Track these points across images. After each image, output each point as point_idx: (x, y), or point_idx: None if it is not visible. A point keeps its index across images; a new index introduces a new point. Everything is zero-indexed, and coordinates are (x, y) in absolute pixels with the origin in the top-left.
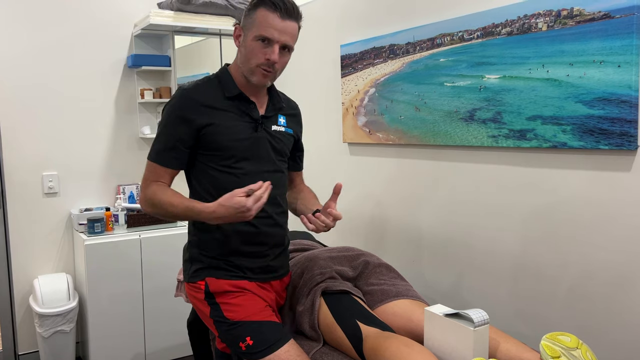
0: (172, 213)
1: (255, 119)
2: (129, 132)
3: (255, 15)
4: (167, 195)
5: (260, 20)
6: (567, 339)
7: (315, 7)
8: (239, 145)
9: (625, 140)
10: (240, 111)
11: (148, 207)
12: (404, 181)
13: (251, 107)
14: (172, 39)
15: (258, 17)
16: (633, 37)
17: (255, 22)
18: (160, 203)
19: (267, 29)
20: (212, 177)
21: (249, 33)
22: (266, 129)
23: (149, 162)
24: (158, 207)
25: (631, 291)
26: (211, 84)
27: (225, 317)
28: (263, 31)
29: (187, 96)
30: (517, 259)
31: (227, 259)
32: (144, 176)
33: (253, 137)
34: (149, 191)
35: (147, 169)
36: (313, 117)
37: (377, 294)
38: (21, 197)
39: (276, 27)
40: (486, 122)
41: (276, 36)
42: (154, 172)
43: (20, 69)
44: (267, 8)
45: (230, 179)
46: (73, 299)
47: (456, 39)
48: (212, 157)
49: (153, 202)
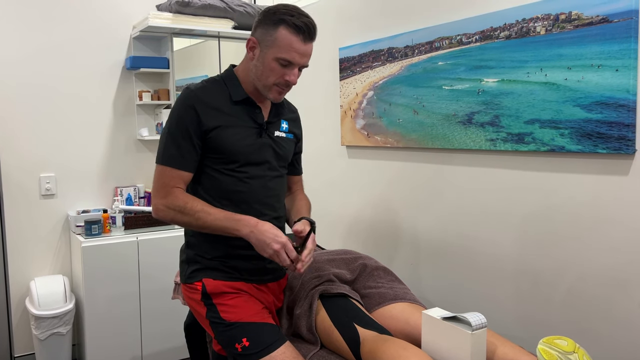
0: (204, 220)
1: (260, 124)
2: (127, 134)
3: (276, 34)
4: (201, 203)
5: (282, 42)
6: (564, 343)
7: (314, 10)
8: (244, 150)
9: (623, 144)
10: (245, 116)
11: (170, 212)
12: (402, 184)
13: (257, 112)
14: (171, 41)
15: (280, 37)
16: (631, 41)
17: (277, 43)
18: (194, 210)
19: (290, 52)
20: (216, 179)
21: (268, 51)
22: (269, 134)
23: (162, 167)
24: (188, 214)
25: (629, 295)
26: (218, 86)
27: (221, 318)
28: (286, 54)
29: (195, 97)
30: (515, 262)
31: (224, 261)
32: (159, 183)
33: (257, 142)
34: (172, 197)
35: (160, 176)
36: (312, 120)
37: (375, 297)
38: (18, 199)
39: (299, 51)
40: (484, 125)
41: (298, 60)
42: (171, 177)
43: (18, 70)
44: (290, 30)
45: (233, 182)
46: (69, 301)
47: (455, 42)
48: (216, 160)
49: (183, 208)
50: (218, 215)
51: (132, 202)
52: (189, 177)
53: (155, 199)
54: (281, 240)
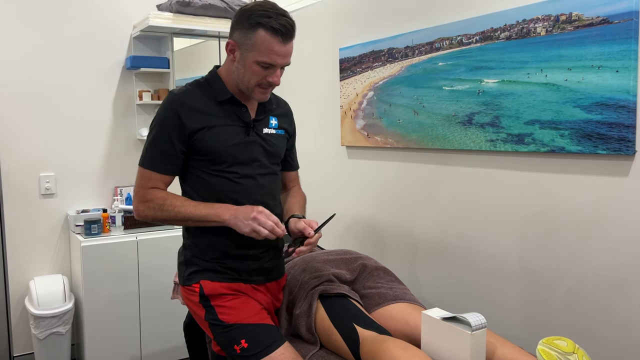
0: (184, 213)
1: (246, 122)
2: (127, 134)
3: (255, 37)
4: (181, 198)
5: (261, 45)
6: (564, 344)
7: (314, 10)
8: (231, 150)
9: (623, 145)
10: (231, 115)
11: (151, 211)
12: (402, 184)
13: (242, 110)
14: (171, 40)
15: (258, 40)
16: (631, 42)
17: (256, 46)
18: (173, 205)
19: (270, 55)
20: (205, 181)
21: (248, 54)
22: (258, 132)
23: (143, 169)
24: (168, 209)
25: (628, 295)
26: (202, 88)
27: (220, 320)
28: (266, 58)
29: (178, 101)
30: (515, 262)
31: (222, 262)
32: (139, 185)
33: (245, 141)
34: (151, 196)
35: (140, 177)
36: (311, 120)
37: (375, 297)
38: (18, 198)
39: (279, 53)
40: (484, 126)
41: (279, 62)
42: (150, 179)
43: (18, 69)
44: (268, 33)
45: (223, 182)
46: (69, 301)
47: (455, 43)
48: (204, 162)
49: (162, 205)
50: (198, 205)
51: (132, 202)
52: (168, 181)
53: (135, 200)
54: (258, 207)
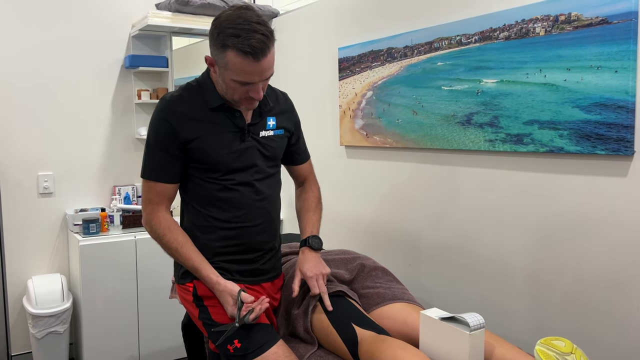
0: (176, 258)
1: (241, 127)
2: (126, 133)
3: (226, 58)
4: (177, 240)
5: (233, 66)
6: (562, 344)
7: (313, 10)
8: (225, 158)
9: (622, 146)
10: (225, 121)
11: (152, 234)
12: (400, 184)
13: (236, 115)
14: (170, 40)
15: (230, 62)
16: (630, 42)
17: (229, 66)
18: (169, 244)
19: (244, 75)
20: (202, 188)
21: (224, 72)
22: (254, 136)
23: (145, 181)
24: (165, 245)
25: (627, 296)
26: (194, 93)
27: (213, 320)
28: (241, 77)
29: (171, 109)
30: (513, 263)
31: (215, 262)
32: (145, 197)
33: (240, 148)
34: (155, 221)
35: (146, 189)
36: (310, 120)
37: (373, 297)
38: (16, 197)
39: (254, 72)
40: (483, 126)
41: (256, 79)
42: (155, 191)
43: (16, 69)
44: (238, 54)
45: (219, 189)
46: (67, 300)
47: (454, 43)
48: (200, 169)
49: (161, 238)
50: (188, 263)
51: (130, 201)
52: (173, 188)
53: (144, 211)
54: (234, 300)
